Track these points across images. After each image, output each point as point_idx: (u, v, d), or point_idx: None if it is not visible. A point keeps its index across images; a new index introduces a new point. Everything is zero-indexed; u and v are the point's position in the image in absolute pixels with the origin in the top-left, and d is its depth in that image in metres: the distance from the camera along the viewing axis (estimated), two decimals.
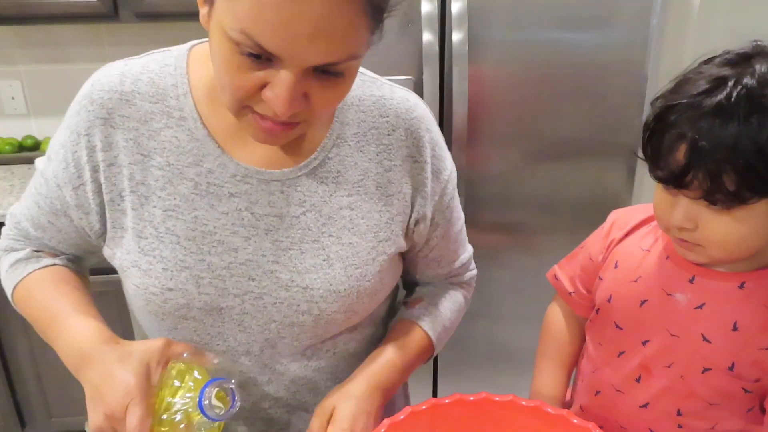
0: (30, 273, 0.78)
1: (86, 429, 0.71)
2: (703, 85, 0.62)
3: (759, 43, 0.64)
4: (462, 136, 1.66)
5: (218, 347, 0.76)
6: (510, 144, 1.74)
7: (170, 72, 0.72)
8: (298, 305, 0.73)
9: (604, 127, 1.71)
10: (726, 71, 0.62)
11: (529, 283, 1.78)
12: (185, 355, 0.68)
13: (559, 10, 1.60)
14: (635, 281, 0.79)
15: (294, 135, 0.66)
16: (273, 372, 0.78)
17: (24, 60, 2.16)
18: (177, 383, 0.66)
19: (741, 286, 0.70)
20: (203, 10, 0.62)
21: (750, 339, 0.69)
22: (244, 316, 0.74)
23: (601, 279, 0.85)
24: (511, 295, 1.85)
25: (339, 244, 0.74)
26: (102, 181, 0.72)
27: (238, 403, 0.67)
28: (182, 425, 0.64)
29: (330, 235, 0.73)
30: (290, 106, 0.58)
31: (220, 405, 0.65)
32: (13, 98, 2.20)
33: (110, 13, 1.83)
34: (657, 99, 0.68)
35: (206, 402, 0.63)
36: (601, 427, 0.74)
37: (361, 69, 0.77)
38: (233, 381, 0.67)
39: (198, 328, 0.74)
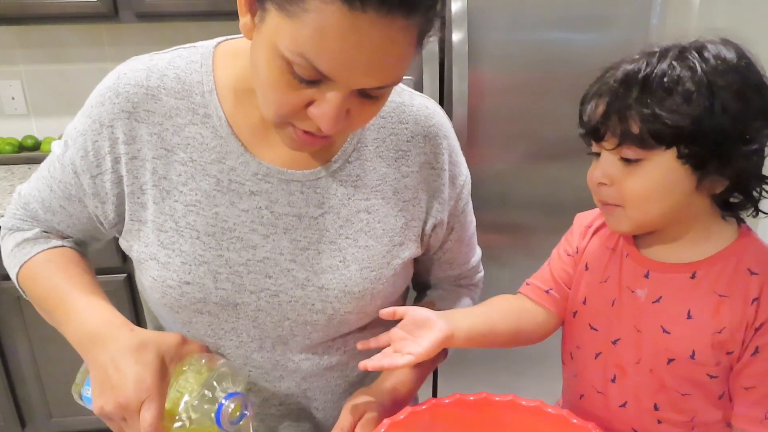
0: (38, 253, 0.78)
1: (73, 392, 0.71)
2: (633, 56, 0.71)
3: (700, 39, 0.70)
4: (462, 136, 1.66)
5: (231, 342, 0.77)
6: (510, 144, 1.74)
7: (196, 69, 0.73)
8: (313, 304, 0.74)
9: None
10: (655, 49, 0.70)
11: None
12: (201, 358, 0.68)
13: (559, 10, 1.60)
14: (605, 282, 0.81)
15: (319, 146, 0.68)
16: (284, 369, 0.79)
17: (24, 60, 2.16)
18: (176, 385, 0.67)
19: (692, 276, 0.73)
20: (245, 19, 0.61)
21: (704, 325, 0.72)
22: (258, 313, 0.75)
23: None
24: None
25: (355, 246, 0.75)
26: (123, 173, 0.72)
27: (249, 413, 0.67)
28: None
29: (347, 237, 0.75)
30: (336, 124, 0.60)
31: (236, 415, 0.66)
32: (13, 98, 2.20)
33: (110, 13, 1.83)
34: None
35: (224, 418, 0.64)
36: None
37: None
38: (249, 396, 0.68)
39: (212, 323, 0.75)
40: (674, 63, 0.67)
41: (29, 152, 2.16)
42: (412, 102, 0.79)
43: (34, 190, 0.80)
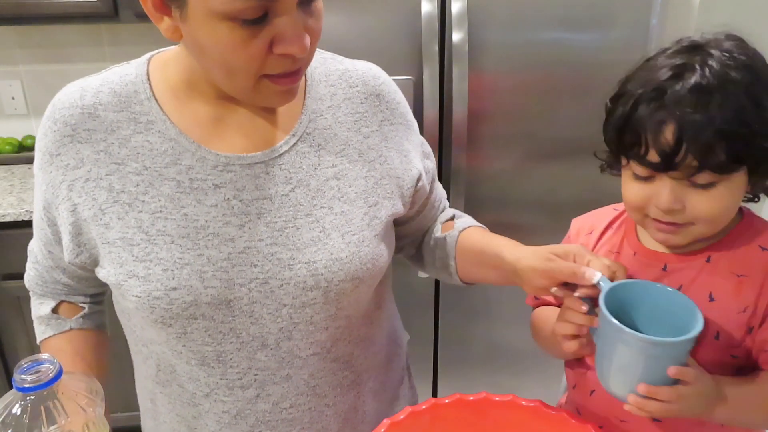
0: (49, 337, 0.85)
1: None
2: (667, 73, 0.68)
3: (704, 36, 0.71)
4: (462, 136, 1.66)
5: (232, 345, 0.75)
6: (510, 144, 1.73)
7: (131, 80, 0.74)
8: (305, 281, 0.73)
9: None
10: (686, 58, 0.68)
11: None
12: None
13: (559, 11, 1.60)
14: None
15: (299, 82, 0.71)
16: (291, 366, 0.77)
17: (24, 60, 2.16)
18: None
19: (708, 260, 0.75)
20: (164, 23, 0.65)
21: (727, 305, 0.73)
22: (253, 306, 0.73)
23: None
24: (511, 295, 1.85)
25: (332, 214, 0.75)
26: (78, 200, 0.72)
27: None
28: None
29: (322, 207, 0.75)
30: (305, 41, 0.63)
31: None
32: (13, 98, 2.20)
33: (110, 13, 1.83)
34: (617, 97, 0.75)
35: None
36: (600, 427, 0.74)
37: (320, 50, 0.82)
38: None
39: (209, 327, 0.73)
40: (733, 71, 0.66)
41: (29, 152, 2.16)
42: (355, 67, 0.83)
43: (34, 243, 0.84)
